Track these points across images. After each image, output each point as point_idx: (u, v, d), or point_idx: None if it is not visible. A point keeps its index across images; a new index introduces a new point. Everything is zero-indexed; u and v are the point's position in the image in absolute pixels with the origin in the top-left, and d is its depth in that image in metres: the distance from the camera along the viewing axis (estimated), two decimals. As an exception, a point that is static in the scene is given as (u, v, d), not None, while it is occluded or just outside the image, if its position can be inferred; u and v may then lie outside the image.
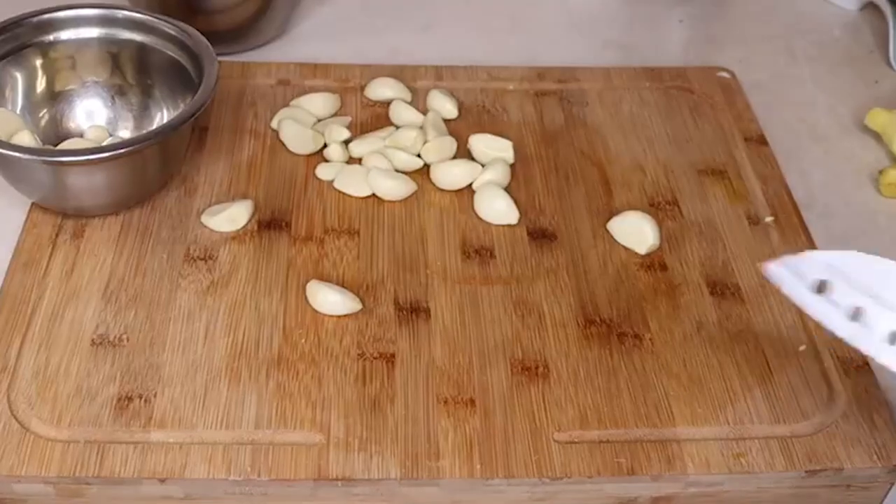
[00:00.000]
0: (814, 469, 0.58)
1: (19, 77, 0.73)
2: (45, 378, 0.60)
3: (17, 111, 0.73)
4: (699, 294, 0.68)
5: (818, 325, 0.65)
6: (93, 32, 0.75)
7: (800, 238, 0.71)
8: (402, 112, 0.79)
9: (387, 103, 0.80)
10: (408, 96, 0.81)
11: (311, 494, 0.57)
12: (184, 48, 0.73)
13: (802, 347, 0.65)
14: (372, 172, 0.73)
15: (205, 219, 0.70)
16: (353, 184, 0.73)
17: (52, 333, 0.63)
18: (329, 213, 0.72)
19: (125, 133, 0.76)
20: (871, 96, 0.86)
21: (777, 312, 0.66)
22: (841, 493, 0.60)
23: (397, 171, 0.74)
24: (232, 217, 0.70)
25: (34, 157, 0.66)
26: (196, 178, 0.73)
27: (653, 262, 0.69)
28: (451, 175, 0.74)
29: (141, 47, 0.75)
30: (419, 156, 0.75)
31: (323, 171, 0.74)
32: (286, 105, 0.80)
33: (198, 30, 0.73)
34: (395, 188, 0.73)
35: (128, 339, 0.63)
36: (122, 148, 0.66)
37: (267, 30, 0.88)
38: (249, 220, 0.70)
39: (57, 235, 0.69)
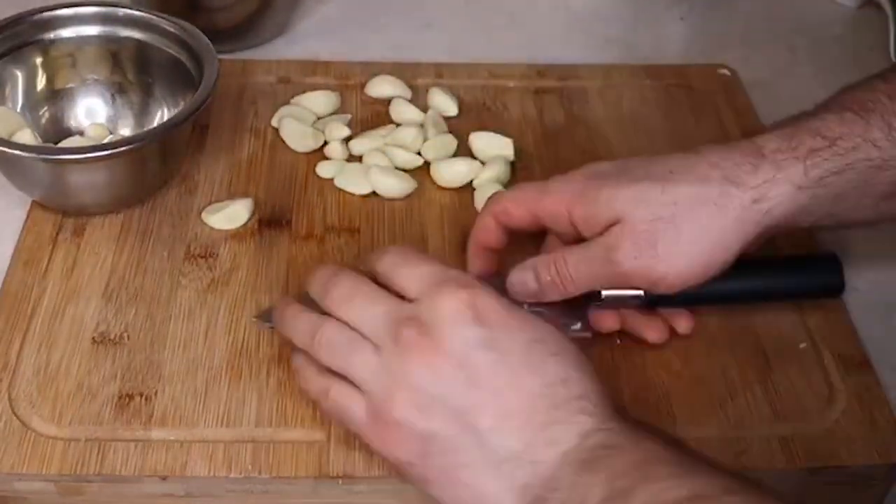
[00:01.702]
0: (815, 467, 0.58)
1: (20, 75, 0.73)
2: (46, 376, 0.60)
3: (18, 109, 0.73)
4: (700, 292, 0.68)
5: (819, 323, 0.65)
6: (93, 30, 0.75)
7: (800, 235, 0.71)
8: (403, 110, 0.79)
9: (387, 101, 0.80)
10: (408, 94, 0.81)
11: (311, 492, 0.57)
12: (184, 46, 0.73)
13: (803, 345, 0.65)
14: (372, 170, 0.73)
15: (205, 216, 0.70)
16: (354, 182, 0.73)
17: (53, 332, 0.63)
18: (329, 211, 0.72)
19: (126, 131, 0.76)
20: (871, 94, 0.85)
21: (778, 311, 0.66)
22: (841, 491, 0.60)
23: (398, 168, 0.74)
24: (232, 215, 0.70)
25: (34, 156, 0.66)
26: (196, 177, 0.73)
27: (653, 260, 0.69)
28: (451, 173, 0.74)
29: (141, 45, 0.75)
30: (419, 154, 0.75)
31: (323, 169, 0.74)
32: (286, 103, 0.80)
33: (198, 28, 0.73)
34: (395, 186, 0.73)
35: (128, 338, 0.63)
36: (122, 146, 0.66)
37: (267, 28, 0.88)
38: (250, 219, 0.70)
39: (57, 234, 0.69)
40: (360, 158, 0.75)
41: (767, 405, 0.61)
